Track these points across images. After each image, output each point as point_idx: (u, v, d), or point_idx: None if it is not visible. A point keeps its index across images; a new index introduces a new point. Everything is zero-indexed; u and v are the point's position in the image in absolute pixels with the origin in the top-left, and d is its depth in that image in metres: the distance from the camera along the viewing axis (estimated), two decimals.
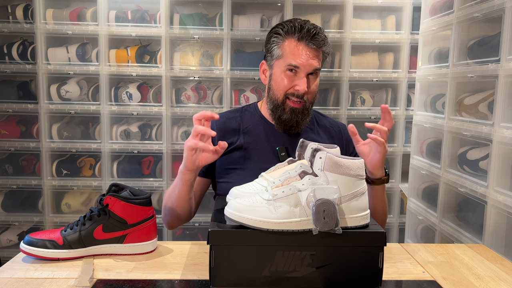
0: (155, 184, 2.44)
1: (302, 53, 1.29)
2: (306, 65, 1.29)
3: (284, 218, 0.89)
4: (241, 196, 0.96)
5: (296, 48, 1.29)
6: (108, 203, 1.06)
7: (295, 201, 0.89)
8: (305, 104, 1.33)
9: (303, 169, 0.92)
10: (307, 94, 1.32)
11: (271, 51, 1.35)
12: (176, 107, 2.42)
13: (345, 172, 0.89)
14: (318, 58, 1.32)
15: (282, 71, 1.32)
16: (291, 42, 1.30)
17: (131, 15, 2.38)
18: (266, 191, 0.93)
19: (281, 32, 1.32)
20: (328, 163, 0.88)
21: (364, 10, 2.49)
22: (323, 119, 1.52)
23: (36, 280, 0.95)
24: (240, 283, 0.91)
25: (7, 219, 2.43)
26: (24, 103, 2.39)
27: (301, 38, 1.29)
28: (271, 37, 1.35)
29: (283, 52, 1.31)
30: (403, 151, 2.48)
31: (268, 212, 0.89)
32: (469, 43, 1.71)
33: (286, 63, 1.30)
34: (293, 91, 1.31)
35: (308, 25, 1.31)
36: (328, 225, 0.87)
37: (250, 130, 1.41)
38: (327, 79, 2.44)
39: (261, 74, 1.43)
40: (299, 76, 1.30)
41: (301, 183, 0.89)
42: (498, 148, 1.44)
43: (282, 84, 1.32)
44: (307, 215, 0.88)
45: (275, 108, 1.36)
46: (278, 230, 0.89)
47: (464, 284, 0.99)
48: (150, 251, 1.11)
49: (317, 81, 1.35)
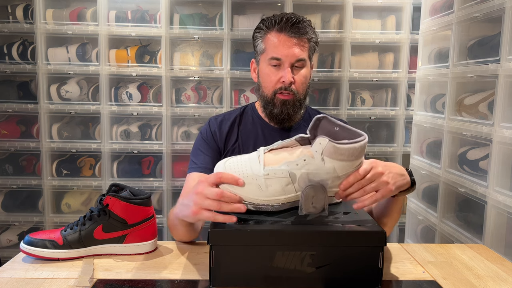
0: (155, 184, 2.44)
1: (284, 44, 1.27)
2: (288, 55, 1.27)
3: (273, 196, 0.91)
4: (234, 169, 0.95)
5: (277, 40, 1.28)
6: (108, 203, 1.06)
7: (287, 182, 0.90)
8: (295, 96, 1.31)
9: (304, 150, 0.92)
10: (295, 85, 1.30)
11: (256, 47, 1.35)
12: (176, 107, 2.42)
13: (344, 159, 0.89)
14: (301, 46, 1.29)
15: (267, 66, 1.31)
16: (272, 35, 1.29)
17: (131, 15, 2.38)
18: (259, 163, 0.93)
19: (262, 27, 1.32)
20: (329, 149, 0.88)
21: (364, 10, 2.49)
22: None
23: (36, 280, 0.95)
24: (240, 283, 0.91)
25: (7, 219, 2.43)
26: (24, 103, 2.39)
27: (281, 29, 1.28)
28: (255, 33, 1.35)
29: (266, 45, 1.31)
30: (403, 151, 2.48)
31: (258, 190, 0.91)
32: (469, 43, 1.71)
33: (269, 56, 1.29)
34: (280, 84, 1.30)
35: (289, 15, 1.29)
36: (315, 209, 0.89)
37: (248, 131, 1.41)
38: (327, 79, 2.44)
39: (252, 72, 1.43)
40: (283, 68, 1.29)
41: (295, 163, 0.90)
42: (498, 148, 1.44)
43: (269, 79, 1.32)
44: (296, 192, 0.90)
45: (266, 104, 1.35)
46: (264, 204, 0.91)
47: (464, 284, 0.99)
48: (150, 251, 1.11)
49: (304, 71, 1.32)
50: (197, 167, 1.35)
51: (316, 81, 2.43)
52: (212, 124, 1.42)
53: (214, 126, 1.41)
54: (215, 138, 1.39)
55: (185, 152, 2.44)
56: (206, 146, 1.38)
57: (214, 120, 1.43)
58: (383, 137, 2.51)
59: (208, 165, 1.35)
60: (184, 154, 2.46)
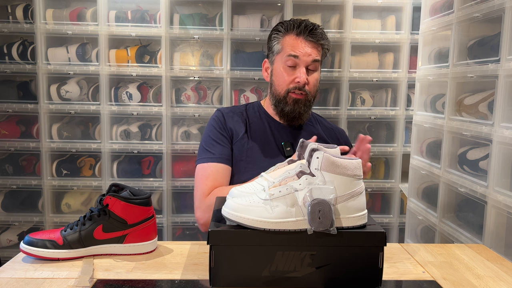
0: (155, 184, 2.44)
1: (301, 45, 1.36)
2: (305, 54, 1.35)
3: (280, 218, 0.89)
4: (240, 196, 0.96)
5: (295, 41, 1.37)
6: (108, 203, 1.06)
7: (291, 201, 0.89)
8: (307, 96, 1.39)
9: (302, 169, 0.92)
10: (308, 86, 1.38)
11: (272, 48, 1.43)
12: (176, 107, 2.42)
13: (342, 172, 0.89)
14: (316, 50, 1.38)
15: (283, 65, 1.38)
16: (290, 37, 1.38)
17: (131, 15, 2.38)
18: (263, 190, 0.93)
19: (281, 29, 1.40)
20: (325, 163, 0.88)
21: (364, 10, 2.49)
22: (324, 121, 1.58)
23: (36, 280, 0.95)
24: (240, 283, 0.91)
25: (7, 219, 2.43)
26: (24, 103, 2.39)
27: (300, 33, 1.37)
28: (272, 35, 1.44)
29: (283, 46, 1.38)
30: (403, 151, 2.48)
31: (264, 211, 0.89)
32: (469, 43, 1.71)
33: (286, 54, 1.36)
34: (294, 84, 1.37)
35: (306, 21, 1.39)
36: (323, 225, 0.87)
37: (255, 123, 1.46)
38: (327, 79, 2.44)
39: (263, 72, 1.50)
40: (299, 69, 1.36)
41: (298, 182, 0.89)
42: (498, 148, 1.44)
43: (283, 78, 1.38)
44: (304, 215, 0.88)
45: (278, 102, 1.42)
46: (275, 229, 0.89)
47: (464, 284, 0.99)
48: (150, 251, 1.11)
49: (317, 74, 1.40)
50: (215, 157, 1.37)
51: None
52: (222, 112, 1.47)
53: (225, 115, 1.45)
54: (226, 127, 1.43)
55: (185, 152, 2.45)
56: (220, 136, 1.42)
57: (224, 110, 1.48)
58: (383, 137, 2.51)
59: (226, 155, 1.39)
60: (184, 154, 2.46)
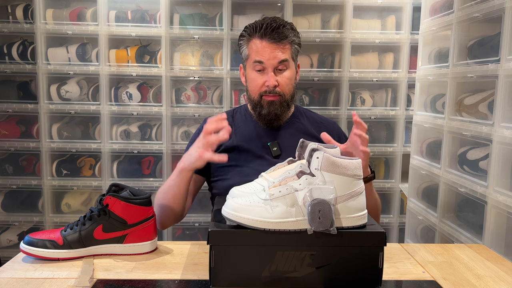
0: (155, 184, 2.44)
1: (265, 49, 1.34)
2: (270, 58, 1.34)
3: (280, 218, 0.89)
4: (240, 196, 0.96)
5: (259, 45, 1.35)
6: (108, 203, 1.06)
7: (291, 201, 0.89)
8: (281, 97, 1.38)
9: (302, 169, 0.92)
10: (279, 87, 1.37)
11: (242, 53, 1.43)
12: (176, 107, 2.42)
13: (342, 172, 0.89)
14: (282, 49, 1.35)
15: (252, 71, 1.38)
16: (254, 42, 1.37)
17: (131, 15, 2.38)
18: (263, 190, 0.93)
19: (245, 34, 1.40)
20: (325, 163, 0.88)
21: (364, 10, 2.49)
22: (313, 115, 1.55)
23: (36, 280, 0.95)
24: (240, 283, 0.91)
25: (7, 219, 2.43)
26: (24, 103, 2.39)
27: (262, 35, 1.35)
28: (239, 40, 1.43)
29: (249, 51, 1.39)
30: (403, 151, 2.48)
31: (264, 211, 0.89)
32: (469, 43, 1.71)
33: (252, 61, 1.37)
34: (265, 88, 1.37)
35: (269, 21, 1.36)
36: (323, 225, 0.87)
37: (242, 129, 1.46)
38: (327, 79, 2.44)
39: (241, 76, 1.50)
40: (267, 72, 1.36)
41: (298, 182, 0.90)
42: (498, 148, 1.44)
43: (255, 83, 1.39)
44: (304, 215, 0.88)
45: (254, 106, 1.42)
46: (275, 229, 0.89)
47: (464, 284, 0.99)
48: (150, 251, 1.11)
49: (288, 73, 1.38)
50: None
51: (316, 81, 2.43)
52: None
53: None
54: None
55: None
56: None
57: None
58: (383, 137, 2.51)
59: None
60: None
